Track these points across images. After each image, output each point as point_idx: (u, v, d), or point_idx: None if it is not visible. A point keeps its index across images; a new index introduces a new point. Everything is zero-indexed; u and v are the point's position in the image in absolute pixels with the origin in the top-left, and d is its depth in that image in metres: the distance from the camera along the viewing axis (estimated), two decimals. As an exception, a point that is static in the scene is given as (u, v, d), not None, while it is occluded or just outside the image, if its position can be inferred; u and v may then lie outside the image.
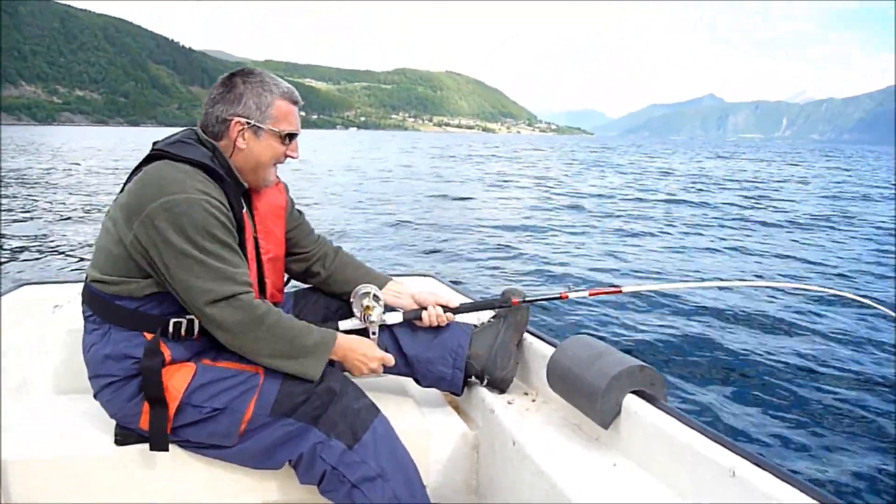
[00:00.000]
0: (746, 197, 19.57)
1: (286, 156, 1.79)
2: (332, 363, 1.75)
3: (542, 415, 1.84)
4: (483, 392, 1.96)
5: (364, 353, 1.79)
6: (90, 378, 1.71)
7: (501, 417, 1.80)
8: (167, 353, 1.65)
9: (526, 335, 2.06)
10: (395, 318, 1.96)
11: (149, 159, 1.65)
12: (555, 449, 1.62)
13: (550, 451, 1.60)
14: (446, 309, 2.00)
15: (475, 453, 1.94)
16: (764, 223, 13.59)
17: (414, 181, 22.88)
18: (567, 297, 2.04)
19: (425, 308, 1.99)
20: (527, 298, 2.05)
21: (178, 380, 1.64)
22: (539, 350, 1.97)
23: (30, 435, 1.76)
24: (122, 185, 1.68)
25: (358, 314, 1.91)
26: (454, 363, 1.95)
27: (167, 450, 1.65)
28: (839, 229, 13.06)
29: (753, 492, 1.18)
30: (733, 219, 14.26)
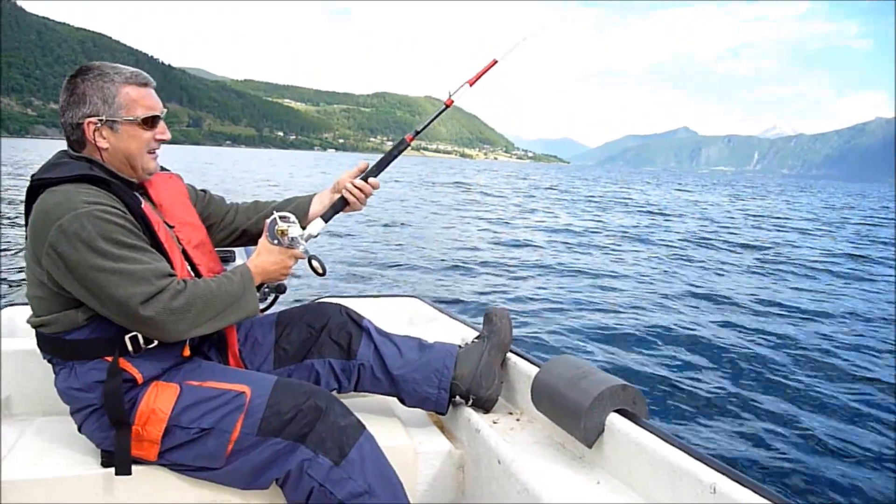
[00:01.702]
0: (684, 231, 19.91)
1: (156, 140, 1.72)
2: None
3: (526, 434, 1.87)
4: (468, 412, 1.98)
5: (274, 261, 1.78)
6: (72, 414, 1.71)
7: (486, 436, 1.82)
8: (136, 372, 1.65)
9: (510, 355, 2.09)
10: (316, 226, 1.94)
11: (31, 193, 1.61)
12: (540, 467, 1.65)
13: (535, 470, 1.62)
14: (364, 178, 2.00)
15: (461, 472, 1.96)
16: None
17: (394, 203, 22.90)
18: (451, 102, 1.98)
19: (343, 190, 1.99)
20: (418, 128, 2.00)
21: (163, 401, 1.64)
22: (523, 370, 2.00)
23: (16, 456, 1.74)
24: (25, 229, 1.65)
25: (277, 243, 1.82)
26: (439, 383, 1.97)
27: (130, 473, 1.63)
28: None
29: None
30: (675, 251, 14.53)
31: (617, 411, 1.61)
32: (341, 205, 2.00)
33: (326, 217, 1.97)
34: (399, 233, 14.95)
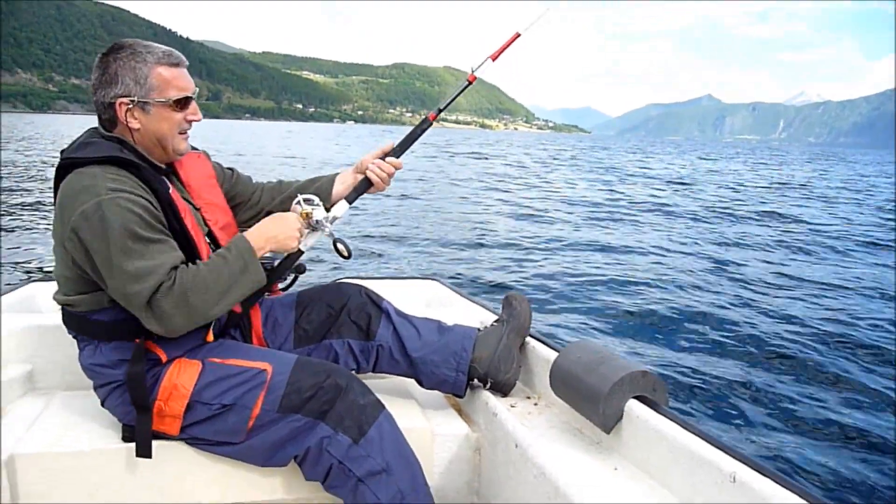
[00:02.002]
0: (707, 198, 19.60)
1: (187, 121, 1.71)
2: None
3: (544, 418, 1.87)
4: (486, 395, 1.98)
5: (279, 228, 1.75)
6: (95, 389, 1.73)
7: (504, 420, 1.82)
8: (161, 352, 1.67)
9: (529, 339, 2.08)
10: (341, 207, 1.92)
11: (60, 171, 1.61)
12: (557, 452, 1.65)
13: (552, 455, 1.62)
14: (385, 157, 1.98)
15: (477, 455, 1.97)
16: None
17: (416, 182, 22.84)
18: (474, 78, 1.96)
19: (366, 170, 1.98)
20: (440, 107, 2.01)
21: (186, 378, 1.66)
22: (542, 354, 1.99)
23: (38, 430, 1.78)
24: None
25: (303, 225, 1.82)
26: (458, 366, 1.97)
27: (150, 456, 1.65)
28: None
29: (754, 497, 1.21)
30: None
31: (636, 398, 1.59)
32: (365, 186, 1.97)
33: (350, 198, 1.96)
34: (417, 209, 14.93)
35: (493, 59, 1.96)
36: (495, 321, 2.09)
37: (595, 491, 1.46)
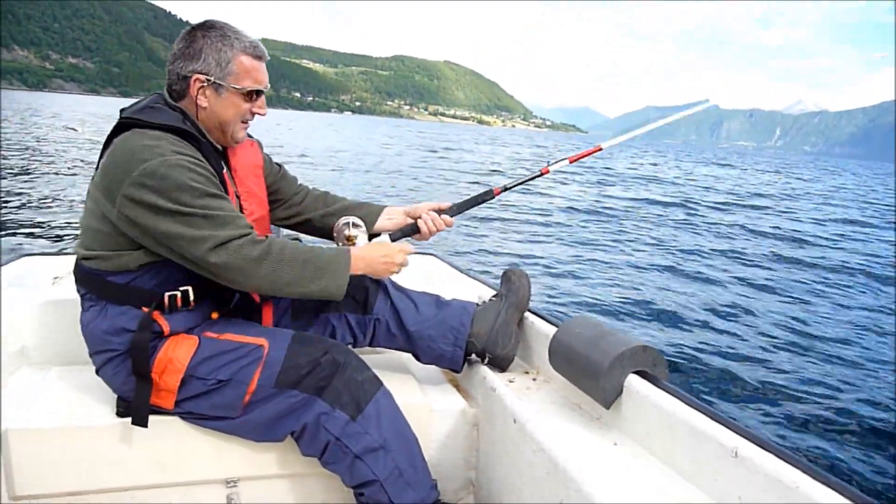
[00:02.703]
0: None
1: (252, 113, 1.72)
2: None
3: (542, 394, 1.85)
4: (484, 370, 1.96)
5: (383, 253, 1.75)
6: (91, 355, 1.70)
7: (502, 395, 1.80)
8: (165, 324, 1.64)
9: (527, 314, 2.06)
10: (382, 241, 1.93)
11: (118, 129, 1.59)
12: (556, 428, 1.63)
13: (551, 430, 1.60)
14: (441, 212, 1.99)
15: (475, 431, 1.95)
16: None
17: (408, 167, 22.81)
18: (548, 171, 2.00)
19: (419, 217, 1.99)
20: (508, 186, 2.04)
21: (182, 352, 1.64)
22: (540, 329, 1.98)
23: (31, 405, 1.75)
24: (97, 161, 1.64)
25: (340, 245, 1.83)
26: (455, 341, 1.95)
27: (146, 425, 1.63)
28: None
29: (756, 472, 1.19)
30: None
31: (636, 373, 1.58)
32: (411, 231, 1.99)
33: (395, 237, 1.97)
34: (415, 185, 14.89)
35: (571, 162, 2.02)
36: (494, 296, 2.07)
37: (594, 466, 1.44)
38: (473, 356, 2.00)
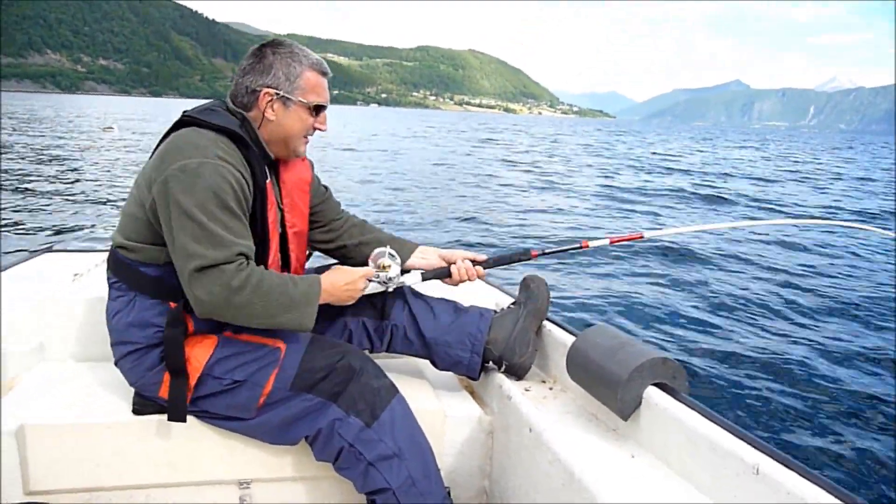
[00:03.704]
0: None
1: (315, 128, 1.77)
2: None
3: (559, 403, 1.83)
4: (500, 378, 1.94)
5: (345, 281, 1.74)
6: (112, 345, 1.71)
7: (518, 404, 1.77)
8: (190, 323, 1.66)
9: (545, 323, 2.03)
10: (413, 277, 1.93)
11: (177, 126, 1.64)
12: (572, 438, 1.60)
13: (567, 440, 1.57)
14: (475, 263, 2.00)
15: (490, 439, 1.94)
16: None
17: (430, 162, 22.78)
18: (588, 245, 2.01)
19: (453, 263, 1.98)
20: (546, 251, 2.05)
21: (200, 351, 1.65)
22: (558, 338, 1.95)
23: (49, 400, 1.78)
24: (151, 153, 1.68)
25: (374, 274, 1.84)
26: (472, 347, 1.94)
27: (185, 420, 1.65)
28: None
29: (778, 490, 1.15)
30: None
31: (656, 385, 1.54)
32: (444, 273, 1.99)
33: (426, 277, 1.96)
34: (436, 190, 14.88)
35: (611, 244, 2.04)
36: (512, 303, 2.05)
37: (611, 478, 1.41)
38: (490, 363, 1.98)
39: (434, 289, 2.20)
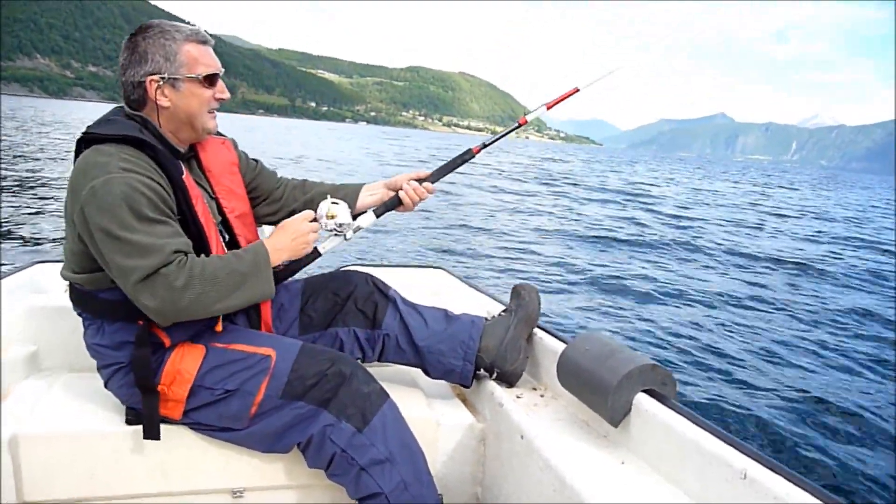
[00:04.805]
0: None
1: (216, 99, 1.70)
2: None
3: (550, 410, 1.84)
4: (492, 385, 1.95)
5: (290, 232, 1.72)
6: (99, 370, 1.72)
7: (510, 411, 1.79)
8: (164, 337, 1.65)
9: (536, 330, 2.05)
10: (367, 218, 1.90)
11: (80, 145, 1.60)
12: (563, 445, 1.62)
13: (558, 447, 1.59)
14: (421, 181, 1.97)
15: (482, 446, 1.94)
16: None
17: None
18: (526, 121, 1.96)
19: (400, 189, 1.96)
20: (486, 142, 2.01)
21: (189, 363, 1.64)
22: (549, 345, 1.97)
23: (42, 410, 1.76)
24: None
25: (325, 226, 1.81)
26: (464, 355, 1.94)
27: (158, 438, 1.64)
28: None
29: (766, 495, 1.18)
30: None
31: (645, 391, 1.56)
32: (394, 203, 1.95)
33: (378, 212, 1.94)
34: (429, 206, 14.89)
35: (548, 108, 1.96)
36: (503, 311, 2.06)
37: (602, 484, 1.43)
38: (482, 371, 1.99)
39: (424, 296, 2.21)
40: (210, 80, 1.67)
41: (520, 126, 1.97)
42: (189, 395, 1.64)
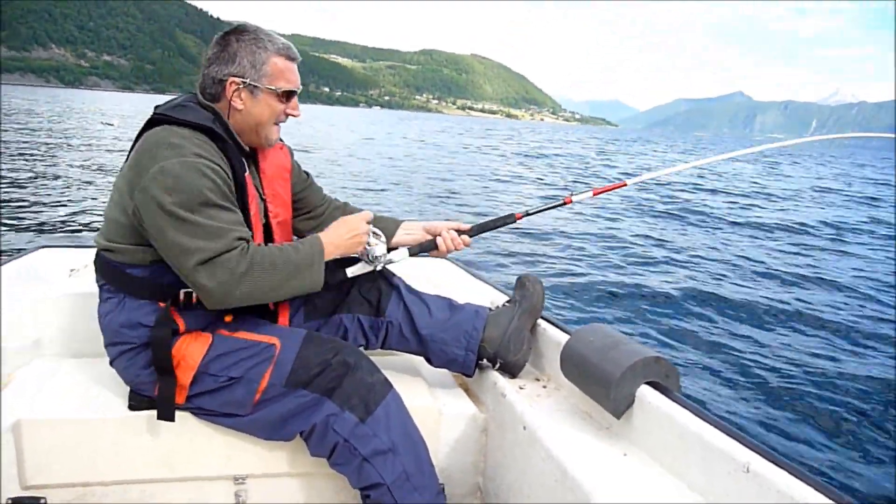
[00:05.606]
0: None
1: (286, 114, 1.74)
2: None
3: (553, 401, 1.83)
4: (494, 375, 1.95)
5: (347, 230, 1.75)
6: (106, 346, 1.72)
7: (512, 401, 1.78)
8: (181, 322, 1.66)
9: (540, 321, 2.04)
10: (400, 254, 1.93)
11: (149, 124, 1.61)
12: (565, 436, 1.61)
13: (561, 438, 1.58)
14: (460, 232, 1.99)
15: (484, 436, 1.94)
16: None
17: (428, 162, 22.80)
18: (570, 201, 2.01)
19: (438, 235, 1.98)
20: (530, 212, 2.05)
21: (194, 349, 1.65)
22: (553, 336, 1.95)
23: (45, 396, 1.78)
24: (127, 154, 1.66)
25: (360, 255, 1.84)
26: (467, 345, 1.94)
27: (173, 419, 1.65)
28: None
29: (769, 489, 1.16)
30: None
31: (648, 383, 1.54)
32: (430, 247, 1.99)
33: (413, 252, 1.96)
34: (432, 186, 14.88)
35: (594, 195, 2.02)
36: (507, 301, 2.05)
37: (603, 475, 1.42)
38: (484, 361, 1.98)
39: (429, 286, 2.21)
40: (287, 95, 1.71)
41: (564, 204, 2.02)
42: (193, 381, 1.65)
